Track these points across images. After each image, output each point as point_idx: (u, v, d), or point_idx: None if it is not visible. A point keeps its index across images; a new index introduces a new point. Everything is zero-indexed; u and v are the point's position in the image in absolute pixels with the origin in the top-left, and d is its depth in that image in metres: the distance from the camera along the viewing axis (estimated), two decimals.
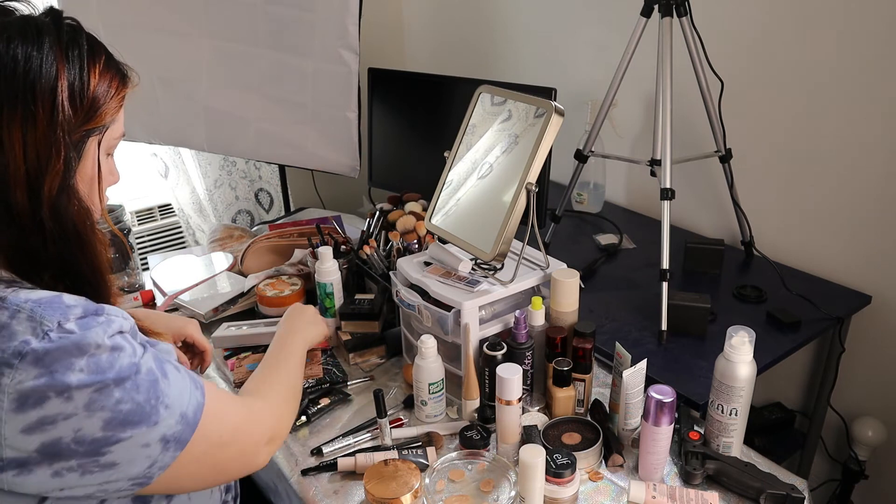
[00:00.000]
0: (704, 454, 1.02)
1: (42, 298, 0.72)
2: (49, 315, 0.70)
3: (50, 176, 0.72)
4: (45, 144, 0.71)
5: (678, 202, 1.63)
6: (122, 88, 0.80)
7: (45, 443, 0.68)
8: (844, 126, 1.48)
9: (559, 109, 1.06)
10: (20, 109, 0.70)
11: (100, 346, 0.71)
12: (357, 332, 1.38)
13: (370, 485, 0.96)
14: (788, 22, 1.51)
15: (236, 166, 2.25)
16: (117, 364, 0.72)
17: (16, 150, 0.70)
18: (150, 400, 0.73)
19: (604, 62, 1.90)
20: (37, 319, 0.69)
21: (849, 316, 1.48)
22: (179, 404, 0.76)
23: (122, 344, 0.73)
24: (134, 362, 0.73)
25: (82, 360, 0.69)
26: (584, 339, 1.11)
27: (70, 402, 0.68)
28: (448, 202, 1.22)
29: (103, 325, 0.72)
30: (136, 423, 0.72)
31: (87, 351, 0.70)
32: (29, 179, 0.72)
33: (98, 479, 0.71)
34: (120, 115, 0.81)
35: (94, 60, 0.76)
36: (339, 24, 1.65)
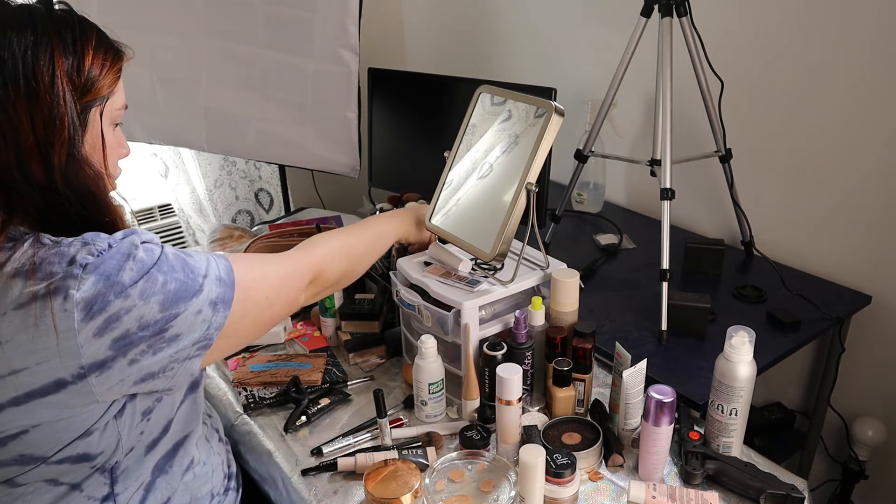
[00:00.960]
0: (704, 454, 1.02)
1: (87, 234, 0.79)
2: (98, 239, 0.78)
3: (58, 146, 0.78)
4: (49, 117, 0.77)
5: (678, 202, 1.63)
6: (116, 62, 0.86)
7: (116, 338, 0.75)
8: (844, 126, 1.48)
9: (559, 109, 1.06)
10: (23, 87, 0.75)
11: (137, 247, 0.79)
12: (357, 332, 1.38)
13: (370, 485, 0.96)
14: (788, 22, 1.51)
15: (236, 166, 2.25)
16: (153, 254, 0.80)
17: (24, 125, 0.76)
18: (188, 274, 0.81)
19: (604, 62, 1.90)
20: (90, 243, 0.77)
21: (849, 316, 1.48)
22: (212, 270, 0.84)
23: (150, 242, 0.81)
24: (162, 251, 0.82)
25: (130, 261, 0.77)
26: (584, 339, 1.11)
27: (128, 299, 0.75)
28: (448, 202, 1.22)
29: (138, 234, 0.81)
30: (185, 297, 0.80)
31: (131, 253, 0.78)
32: (40, 151, 0.77)
33: (168, 353, 0.80)
34: (119, 86, 0.87)
35: (87, 38, 0.82)
36: (339, 24, 1.65)
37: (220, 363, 1.37)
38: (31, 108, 0.76)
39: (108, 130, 0.86)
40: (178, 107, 1.81)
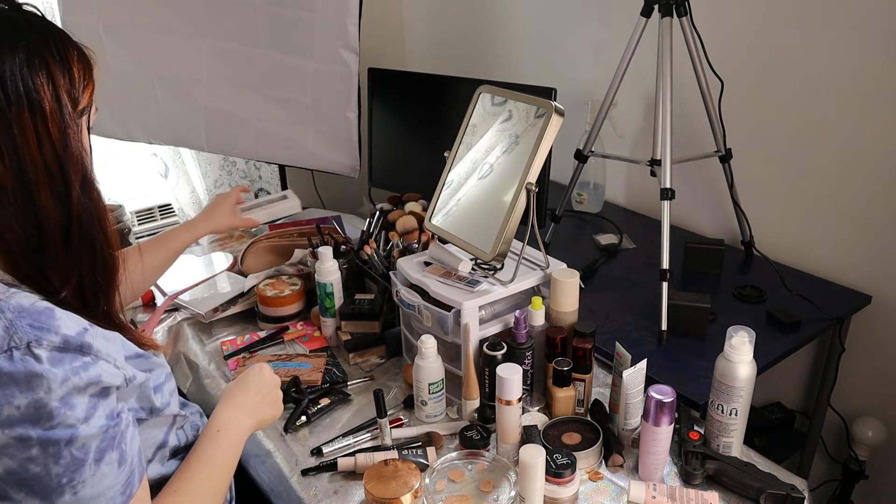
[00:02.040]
0: (704, 454, 1.02)
1: (33, 309, 0.70)
2: (26, 332, 0.68)
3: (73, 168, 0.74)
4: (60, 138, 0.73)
5: (678, 202, 1.63)
6: (90, 66, 0.80)
7: None
8: (844, 126, 1.48)
9: (559, 109, 1.06)
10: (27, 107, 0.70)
11: (51, 392, 0.67)
12: (357, 332, 1.38)
13: (370, 485, 0.96)
14: (788, 22, 1.51)
15: (236, 166, 2.25)
16: (56, 420, 0.67)
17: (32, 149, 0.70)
18: (62, 476, 0.69)
19: (604, 62, 1.90)
20: (11, 332, 0.67)
21: (849, 316, 1.48)
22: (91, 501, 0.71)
23: (75, 401, 0.69)
24: (75, 430, 0.69)
25: (24, 398, 0.66)
26: (584, 339, 1.11)
27: None
28: (448, 202, 1.22)
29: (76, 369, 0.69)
30: (35, 491, 0.68)
31: (35, 390, 0.67)
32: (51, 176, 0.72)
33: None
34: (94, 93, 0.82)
35: (67, 46, 0.77)
36: (339, 24, 1.65)
37: (220, 363, 1.37)
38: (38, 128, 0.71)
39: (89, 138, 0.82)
40: (178, 107, 1.81)
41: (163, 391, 0.88)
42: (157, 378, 0.87)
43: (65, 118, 0.73)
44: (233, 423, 0.94)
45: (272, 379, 1.03)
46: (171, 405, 0.90)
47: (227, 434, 0.92)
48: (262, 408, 0.99)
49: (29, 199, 0.71)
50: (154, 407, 0.85)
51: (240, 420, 0.95)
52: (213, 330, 1.48)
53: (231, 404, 0.96)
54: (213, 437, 0.91)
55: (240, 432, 0.94)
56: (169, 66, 1.77)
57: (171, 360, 1.46)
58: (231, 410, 0.95)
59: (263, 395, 0.99)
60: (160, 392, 0.87)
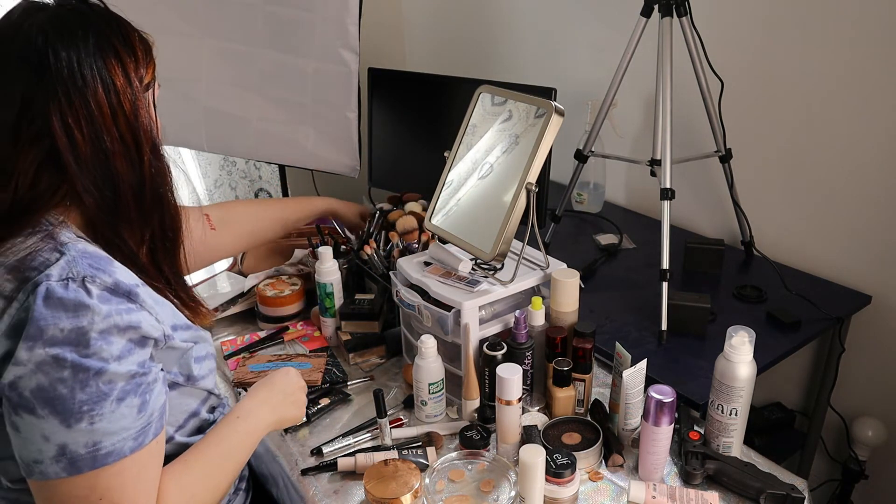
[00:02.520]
0: (704, 454, 1.02)
1: (94, 253, 0.78)
2: (83, 268, 0.75)
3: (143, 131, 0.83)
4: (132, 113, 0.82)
5: (678, 202, 1.63)
6: (150, 47, 0.91)
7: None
8: (844, 126, 1.48)
9: (559, 109, 1.06)
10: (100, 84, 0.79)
11: (93, 324, 0.73)
12: (357, 332, 1.38)
13: (370, 485, 0.96)
14: (788, 22, 1.51)
15: (236, 166, 2.25)
16: (91, 350, 0.72)
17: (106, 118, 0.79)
18: (84, 404, 0.72)
19: (604, 62, 1.90)
20: (71, 265, 0.74)
21: (849, 316, 1.48)
22: (103, 434, 0.73)
23: (113, 339, 0.74)
24: (106, 364, 0.73)
25: (69, 323, 0.72)
26: (584, 339, 1.11)
27: (30, 352, 0.71)
28: (448, 202, 1.22)
29: (121, 311, 0.75)
30: (57, 411, 0.71)
31: (80, 318, 0.72)
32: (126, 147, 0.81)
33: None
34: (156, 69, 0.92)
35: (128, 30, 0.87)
36: (339, 24, 1.65)
37: (220, 363, 1.37)
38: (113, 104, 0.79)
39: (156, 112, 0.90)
40: (178, 107, 1.81)
41: (202, 364, 0.93)
42: (199, 350, 0.92)
43: (134, 93, 0.83)
44: (252, 414, 0.97)
45: (298, 382, 1.07)
46: (206, 379, 0.94)
47: (246, 422, 0.95)
48: (286, 407, 1.03)
49: (105, 165, 0.80)
50: (192, 375, 0.90)
51: (261, 413, 0.98)
52: (213, 330, 1.48)
53: (255, 398, 1.00)
54: (231, 421, 0.95)
55: (259, 424, 0.97)
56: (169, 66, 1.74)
57: None
58: (254, 403, 0.99)
59: (287, 395, 1.03)
60: (200, 364, 0.92)
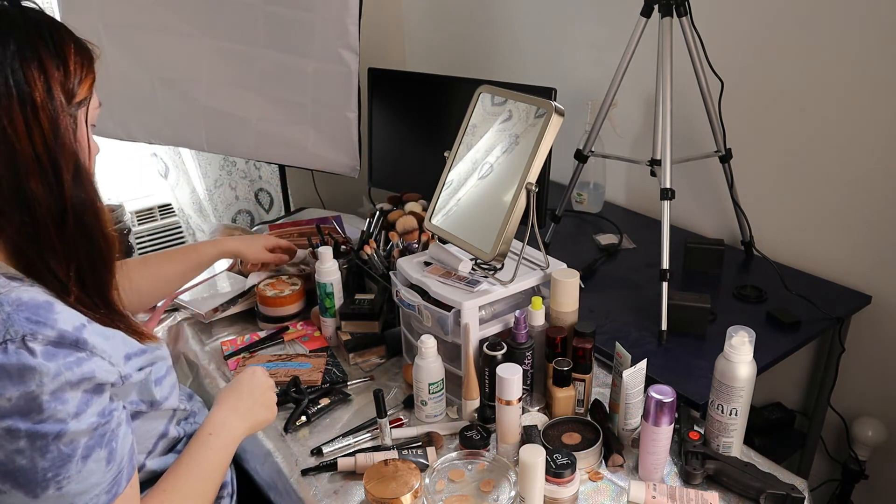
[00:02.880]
0: (704, 454, 1.02)
1: (32, 303, 0.71)
2: (21, 325, 0.69)
3: (64, 158, 0.74)
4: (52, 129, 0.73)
5: (678, 202, 1.63)
6: (90, 59, 0.81)
7: None
8: (845, 126, 1.48)
9: (559, 109, 1.06)
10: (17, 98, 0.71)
11: (42, 386, 0.67)
12: (357, 332, 1.38)
13: (370, 485, 0.96)
14: (788, 22, 1.51)
15: (236, 166, 2.25)
16: (46, 414, 0.68)
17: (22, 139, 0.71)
18: (48, 471, 0.69)
19: (604, 62, 1.90)
20: (7, 324, 0.68)
21: (849, 316, 1.48)
22: (74, 496, 0.71)
23: (67, 397, 0.69)
24: (64, 425, 0.69)
25: (16, 390, 0.67)
26: (584, 339, 1.11)
27: None
28: (448, 202, 1.22)
29: (70, 364, 0.70)
30: (19, 484, 0.68)
31: (27, 383, 0.67)
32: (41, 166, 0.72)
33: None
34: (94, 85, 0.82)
35: (64, 40, 0.77)
36: (339, 24, 1.65)
37: (220, 363, 1.37)
38: (29, 119, 0.71)
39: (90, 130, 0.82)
40: (178, 107, 1.81)
41: (163, 384, 0.89)
42: (158, 371, 0.88)
43: (56, 110, 0.73)
44: (224, 427, 0.94)
45: (265, 382, 1.04)
46: (170, 399, 0.91)
47: (218, 437, 0.93)
48: (255, 411, 1.00)
49: (20, 188, 0.72)
50: (154, 400, 0.87)
51: (232, 423, 0.96)
52: (213, 330, 1.48)
53: (223, 408, 0.97)
54: (204, 440, 0.92)
55: (231, 436, 0.95)
56: (169, 66, 1.77)
57: None
58: (223, 414, 0.96)
59: (256, 399, 1.00)
60: (160, 385, 0.88)
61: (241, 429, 0.97)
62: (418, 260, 1.24)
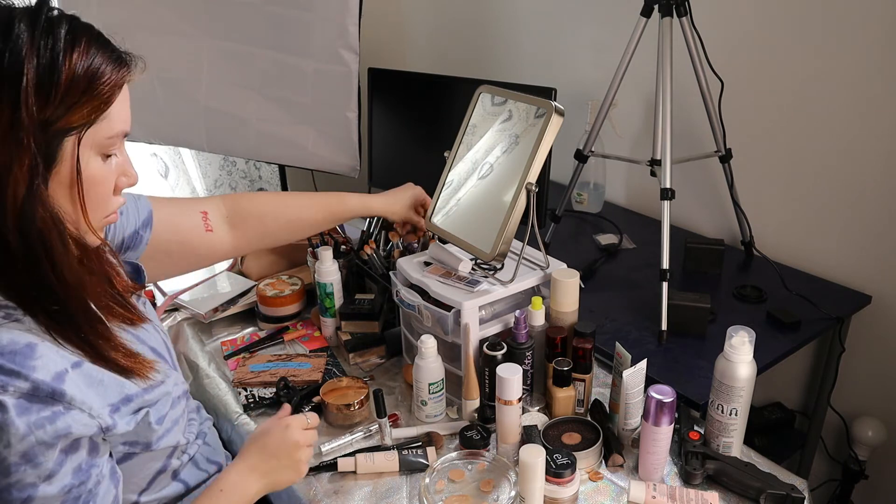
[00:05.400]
0: (704, 454, 1.02)
1: (10, 348, 0.65)
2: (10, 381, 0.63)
3: (12, 181, 0.63)
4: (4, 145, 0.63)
5: (678, 202, 1.63)
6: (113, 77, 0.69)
7: None
8: (845, 126, 1.48)
9: (559, 109, 1.06)
10: None
11: (10, 446, 0.63)
12: (357, 332, 1.38)
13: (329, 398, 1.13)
14: (788, 22, 1.51)
15: (236, 166, 2.25)
16: (15, 477, 0.63)
17: None
18: None
19: (604, 62, 1.90)
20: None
21: (849, 316, 1.48)
22: None
23: (39, 458, 0.64)
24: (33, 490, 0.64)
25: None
26: (584, 339, 1.11)
27: None
28: (448, 202, 1.22)
29: (42, 423, 0.65)
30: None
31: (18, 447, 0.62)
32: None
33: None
34: (113, 110, 0.70)
35: (72, 49, 0.66)
36: (339, 24, 1.65)
37: (220, 363, 1.37)
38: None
39: (90, 161, 0.70)
40: (178, 107, 1.81)
41: (164, 422, 0.83)
42: (160, 409, 0.82)
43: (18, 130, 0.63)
44: (238, 487, 0.89)
45: (296, 440, 0.93)
46: (171, 434, 0.85)
47: (229, 496, 0.87)
48: (278, 472, 0.92)
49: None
50: (150, 442, 0.82)
51: (247, 483, 0.89)
52: (213, 330, 1.48)
53: (243, 464, 0.91)
54: (214, 496, 0.87)
55: (244, 496, 0.89)
56: (169, 66, 1.77)
57: None
58: (240, 472, 0.90)
59: (281, 459, 0.92)
60: (161, 424, 0.82)
61: (257, 488, 0.90)
62: (418, 260, 1.24)
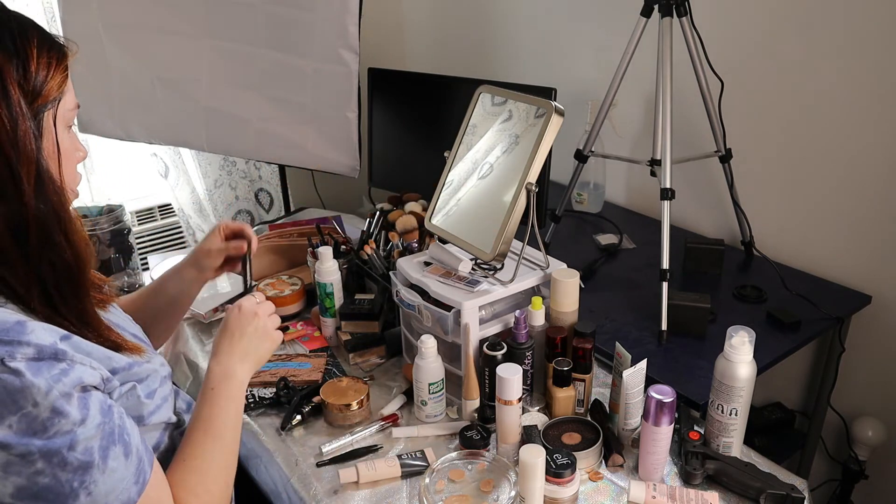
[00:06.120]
0: (704, 454, 1.02)
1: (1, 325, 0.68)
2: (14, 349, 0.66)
3: (24, 166, 0.69)
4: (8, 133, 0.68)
5: (678, 202, 1.63)
6: (62, 59, 0.75)
7: None
8: (845, 126, 1.48)
9: (559, 109, 1.07)
10: None
11: (38, 405, 0.66)
12: (357, 332, 1.38)
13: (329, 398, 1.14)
14: (788, 22, 1.51)
15: (236, 166, 2.25)
16: (52, 429, 0.67)
17: None
18: (73, 481, 0.68)
19: (604, 62, 1.90)
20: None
21: (849, 316, 1.48)
22: (106, 497, 0.71)
23: (65, 408, 0.68)
24: (73, 435, 0.68)
25: (14, 416, 0.65)
26: (584, 339, 1.11)
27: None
28: (448, 202, 1.22)
29: (57, 376, 0.68)
30: (50, 501, 0.68)
31: (22, 405, 0.66)
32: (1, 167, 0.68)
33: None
34: (68, 86, 0.77)
35: (27, 37, 0.72)
36: (339, 24, 1.65)
37: None
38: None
39: (62, 135, 0.76)
40: (178, 107, 1.81)
41: (154, 397, 0.86)
42: (150, 384, 0.85)
43: (13, 113, 0.68)
44: (226, 376, 0.92)
45: (253, 311, 0.97)
46: (161, 411, 0.87)
47: (222, 388, 0.90)
48: (254, 345, 0.95)
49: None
50: (142, 415, 0.84)
51: (232, 369, 0.92)
52: (213, 330, 1.48)
53: (218, 357, 0.94)
54: (209, 396, 0.90)
55: (236, 382, 0.92)
56: (169, 66, 1.77)
57: (170, 360, 1.46)
58: (219, 363, 0.93)
59: (248, 333, 0.95)
60: (151, 398, 0.85)
61: (244, 370, 0.93)
62: (418, 260, 1.24)
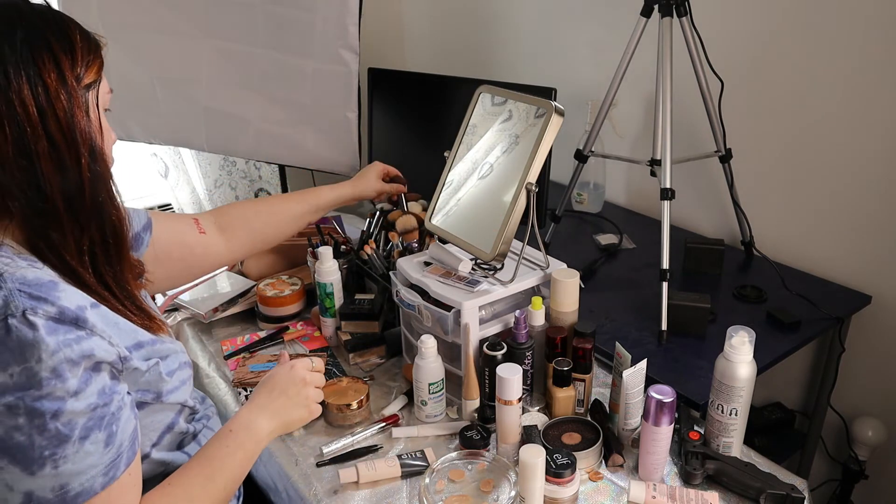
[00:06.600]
0: (704, 454, 1.02)
1: (34, 280, 0.72)
2: (23, 301, 0.69)
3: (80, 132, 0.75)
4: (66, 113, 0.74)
5: (678, 202, 1.63)
6: (97, 48, 0.82)
7: None
8: (845, 126, 1.48)
9: (559, 109, 1.07)
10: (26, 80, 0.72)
11: (41, 361, 0.68)
12: (357, 332, 1.38)
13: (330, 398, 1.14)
14: (788, 22, 1.51)
15: (236, 166, 2.25)
16: (46, 389, 0.69)
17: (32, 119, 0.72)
18: (45, 449, 0.69)
19: (604, 62, 1.90)
20: (9, 300, 0.69)
21: (849, 316, 1.48)
22: (70, 476, 0.71)
23: (65, 373, 0.70)
24: (62, 403, 0.70)
25: (18, 367, 0.68)
26: (584, 339, 1.11)
27: None
28: (448, 202, 1.22)
29: (69, 342, 0.71)
30: (16, 460, 0.69)
31: (28, 358, 0.68)
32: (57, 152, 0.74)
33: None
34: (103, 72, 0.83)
35: (72, 30, 0.79)
36: (339, 24, 1.65)
37: (220, 363, 1.37)
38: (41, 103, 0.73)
39: (102, 117, 0.83)
40: (178, 107, 1.81)
41: (174, 377, 0.88)
42: (170, 364, 0.88)
43: (69, 92, 0.75)
44: (248, 426, 0.91)
45: (303, 377, 0.98)
46: (178, 391, 0.89)
47: (238, 435, 0.90)
48: (288, 409, 0.95)
49: (30, 168, 0.73)
50: (160, 392, 0.86)
51: (258, 423, 0.92)
52: (213, 330, 1.48)
53: (253, 405, 0.94)
54: (222, 436, 0.90)
55: (255, 436, 0.91)
56: (169, 66, 1.77)
57: None
58: (250, 411, 0.93)
59: (290, 397, 0.96)
60: (171, 377, 0.87)
61: (268, 428, 0.92)
62: (418, 260, 1.24)
